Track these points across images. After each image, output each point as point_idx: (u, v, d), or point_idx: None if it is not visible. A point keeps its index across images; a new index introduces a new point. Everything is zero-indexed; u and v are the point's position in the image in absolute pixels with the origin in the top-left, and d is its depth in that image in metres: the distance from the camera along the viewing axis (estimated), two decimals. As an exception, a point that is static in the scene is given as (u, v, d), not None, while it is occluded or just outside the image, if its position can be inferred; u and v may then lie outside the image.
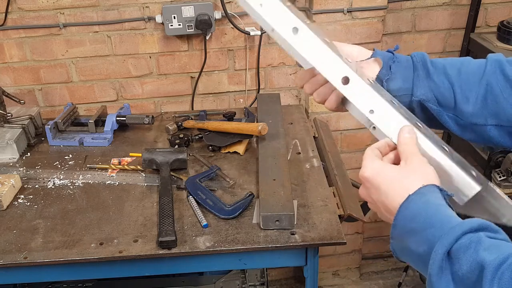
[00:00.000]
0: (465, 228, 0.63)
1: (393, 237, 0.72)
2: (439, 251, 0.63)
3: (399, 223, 0.70)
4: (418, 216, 0.68)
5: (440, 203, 0.69)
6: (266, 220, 1.27)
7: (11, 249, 1.24)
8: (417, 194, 0.69)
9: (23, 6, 1.78)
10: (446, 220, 0.66)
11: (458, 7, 2.00)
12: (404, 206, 0.70)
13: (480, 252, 0.60)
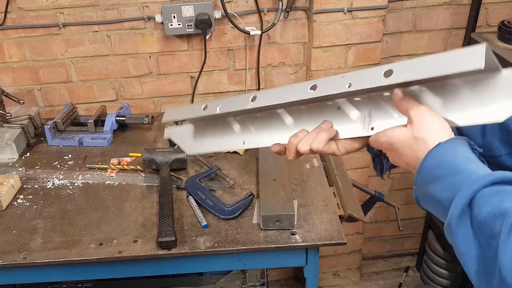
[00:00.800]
0: (494, 178, 0.62)
1: (417, 183, 0.72)
2: (464, 194, 0.62)
3: (423, 169, 0.69)
4: (445, 163, 0.67)
5: (470, 156, 0.68)
6: (266, 220, 1.26)
7: (10, 249, 1.24)
8: (448, 142, 0.68)
9: (22, 5, 1.78)
10: (475, 170, 0.65)
11: (458, 6, 2.00)
12: (432, 152, 0.69)
13: (506, 201, 0.59)
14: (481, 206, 0.60)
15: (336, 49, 1.90)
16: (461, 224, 0.62)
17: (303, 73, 2.01)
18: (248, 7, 1.85)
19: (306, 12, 1.88)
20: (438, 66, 0.68)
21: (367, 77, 0.76)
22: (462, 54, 0.65)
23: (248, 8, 1.85)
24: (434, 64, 0.68)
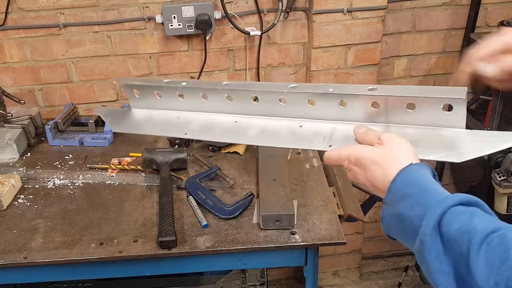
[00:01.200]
0: (462, 199, 0.65)
1: (387, 202, 0.73)
2: (436, 211, 0.64)
3: (395, 188, 0.71)
4: (416, 183, 0.70)
5: (436, 182, 0.71)
6: (266, 220, 1.27)
7: (11, 249, 1.24)
8: (418, 165, 0.72)
9: (23, 6, 1.78)
10: (443, 191, 0.68)
11: (458, 7, 2.00)
12: (404, 172, 0.71)
13: (474, 220, 0.62)
14: (450, 223, 0.63)
15: (336, 49, 1.90)
16: (434, 240, 0.64)
17: (303, 73, 2.01)
18: (248, 8, 1.86)
19: (306, 12, 1.88)
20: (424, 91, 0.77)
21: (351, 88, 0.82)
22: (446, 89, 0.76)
23: (248, 8, 1.86)
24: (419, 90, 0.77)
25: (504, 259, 0.57)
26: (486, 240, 0.59)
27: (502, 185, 1.78)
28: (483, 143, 0.75)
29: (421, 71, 2.13)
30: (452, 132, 0.78)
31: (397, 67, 2.10)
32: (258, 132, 0.92)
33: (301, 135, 0.88)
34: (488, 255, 0.58)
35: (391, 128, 0.82)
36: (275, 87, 0.88)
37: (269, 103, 0.89)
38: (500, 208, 1.83)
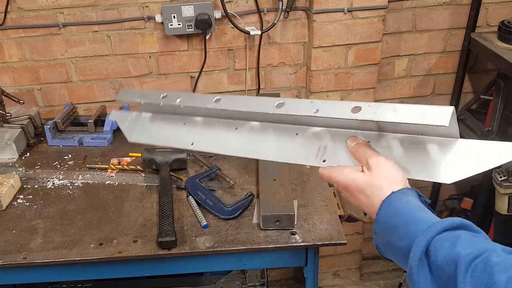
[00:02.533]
0: (446, 224, 0.65)
1: (376, 232, 0.75)
2: (420, 243, 0.64)
3: (381, 219, 0.72)
4: (399, 213, 0.70)
5: (420, 205, 0.71)
6: (266, 220, 1.26)
7: (10, 249, 1.23)
8: (399, 193, 0.72)
9: (22, 5, 1.78)
10: (427, 217, 0.68)
11: (458, 6, 2.00)
12: (386, 202, 0.72)
13: (457, 246, 0.62)
14: (436, 252, 0.64)
15: (336, 49, 1.90)
16: (421, 271, 0.65)
17: (303, 73, 2.01)
18: (248, 7, 1.85)
19: (306, 12, 1.88)
20: (407, 114, 0.72)
21: (335, 109, 0.79)
22: (432, 110, 0.70)
23: (248, 8, 1.85)
24: (403, 112, 0.72)
25: (489, 285, 0.57)
26: (471, 266, 0.60)
27: (503, 185, 1.78)
28: (478, 158, 0.72)
29: (421, 71, 2.13)
30: (446, 144, 0.75)
31: (398, 67, 2.10)
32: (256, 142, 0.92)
33: (296, 147, 0.87)
34: (474, 281, 0.58)
35: (384, 136, 0.80)
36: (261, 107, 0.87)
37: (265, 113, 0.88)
38: (501, 208, 1.83)
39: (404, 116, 0.71)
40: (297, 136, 0.88)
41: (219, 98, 0.92)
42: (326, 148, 0.84)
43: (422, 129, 0.74)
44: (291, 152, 0.87)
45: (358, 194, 0.78)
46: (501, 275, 0.57)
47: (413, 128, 0.75)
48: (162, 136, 1.05)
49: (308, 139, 0.87)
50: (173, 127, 1.04)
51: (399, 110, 0.72)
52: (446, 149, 0.75)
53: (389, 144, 0.80)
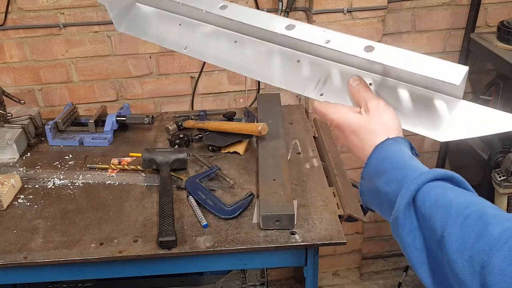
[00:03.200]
0: (438, 174, 0.64)
1: (363, 177, 0.74)
2: (410, 187, 0.63)
3: (371, 163, 0.71)
4: (391, 158, 0.69)
5: (412, 155, 0.70)
6: (266, 220, 1.26)
7: (11, 249, 1.24)
8: (394, 140, 0.71)
9: (23, 6, 1.78)
10: (419, 166, 0.67)
11: (458, 7, 2.00)
12: (379, 147, 0.71)
13: (448, 194, 0.61)
14: (425, 198, 0.62)
15: (336, 49, 1.90)
16: (407, 216, 0.64)
17: (303, 73, 2.01)
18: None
19: (306, 12, 1.88)
20: (420, 65, 0.70)
21: (348, 44, 0.75)
22: (446, 66, 0.68)
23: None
24: (417, 62, 0.70)
25: (481, 233, 0.55)
26: (463, 213, 0.58)
27: (502, 185, 1.78)
28: (476, 122, 0.69)
29: (421, 71, 2.13)
30: (447, 103, 0.73)
31: (397, 67, 2.10)
32: (253, 61, 0.86)
33: (295, 74, 0.83)
34: (464, 229, 0.56)
35: (387, 82, 0.77)
36: (270, 25, 0.81)
37: (269, 31, 0.82)
38: (501, 208, 1.83)
39: (418, 67, 0.69)
40: (298, 64, 0.83)
41: (226, 5, 0.86)
42: (326, 82, 0.81)
43: (428, 82, 0.72)
44: (290, 79, 0.84)
45: (351, 135, 0.76)
46: (496, 226, 0.55)
47: (420, 80, 0.73)
48: (154, 34, 0.99)
49: (310, 69, 0.82)
50: (167, 26, 0.98)
51: (414, 60, 0.70)
52: (447, 107, 0.72)
53: (391, 90, 0.76)
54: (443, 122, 0.72)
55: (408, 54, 0.71)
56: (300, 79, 0.82)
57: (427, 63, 0.69)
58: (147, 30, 1.00)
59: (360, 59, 0.74)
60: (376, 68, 0.76)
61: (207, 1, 0.89)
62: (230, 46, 0.90)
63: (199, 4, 0.89)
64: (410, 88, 0.75)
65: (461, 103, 0.72)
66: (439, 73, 0.67)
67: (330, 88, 0.80)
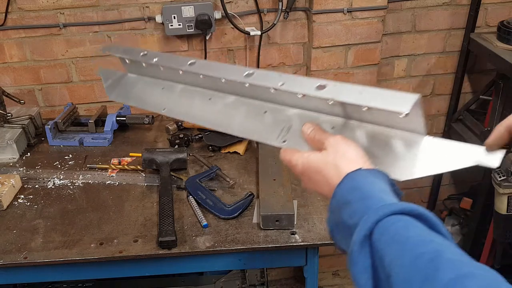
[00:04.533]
0: (404, 208, 0.57)
1: (331, 209, 0.68)
2: (369, 219, 0.57)
3: (338, 192, 0.66)
4: (360, 188, 0.63)
5: (386, 189, 0.64)
6: (266, 220, 1.27)
7: (11, 249, 1.24)
8: (367, 171, 0.66)
9: (23, 6, 1.78)
10: (387, 199, 0.61)
11: (458, 7, 2.00)
12: (349, 176, 0.66)
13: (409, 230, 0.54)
14: (383, 233, 0.56)
15: (336, 49, 1.90)
16: (362, 251, 0.57)
17: (303, 73, 2.01)
18: (248, 8, 1.86)
19: (306, 12, 1.88)
20: (369, 98, 0.68)
21: (301, 84, 0.76)
22: (396, 95, 0.66)
23: (248, 8, 1.86)
24: (367, 95, 0.69)
25: (428, 278, 0.48)
26: (416, 252, 0.51)
27: (502, 185, 1.78)
28: (440, 158, 0.67)
29: (421, 71, 2.13)
30: (410, 140, 0.71)
31: (397, 67, 2.10)
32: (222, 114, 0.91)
33: (261, 124, 0.86)
34: (413, 270, 0.50)
35: (349, 124, 0.77)
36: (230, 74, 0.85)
37: (237, 84, 0.85)
38: (501, 208, 1.83)
39: (366, 99, 0.67)
40: (265, 114, 0.86)
41: (194, 62, 0.91)
42: (290, 129, 0.82)
43: (388, 121, 0.71)
44: (256, 129, 0.86)
45: (315, 175, 0.72)
46: (448, 272, 0.48)
47: (380, 118, 0.72)
48: (139, 98, 1.06)
49: (275, 118, 0.85)
50: (151, 90, 1.04)
51: (364, 93, 0.68)
52: (409, 145, 0.71)
53: (353, 132, 0.76)
54: (403, 160, 0.71)
55: (360, 89, 0.69)
56: (265, 128, 0.85)
57: (378, 95, 0.67)
58: (132, 96, 1.08)
59: (318, 102, 0.75)
60: (336, 110, 0.77)
61: (178, 60, 0.94)
62: (202, 103, 0.95)
63: (171, 63, 0.95)
64: (372, 128, 0.75)
65: (424, 140, 0.70)
66: (388, 103, 0.65)
67: (293, 135, 0.82)
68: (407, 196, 2.49)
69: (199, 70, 0.89)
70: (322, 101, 0.74)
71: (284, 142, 0.82)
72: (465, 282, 0.46)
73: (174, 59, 0.95)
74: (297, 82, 0.77)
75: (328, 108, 0.77)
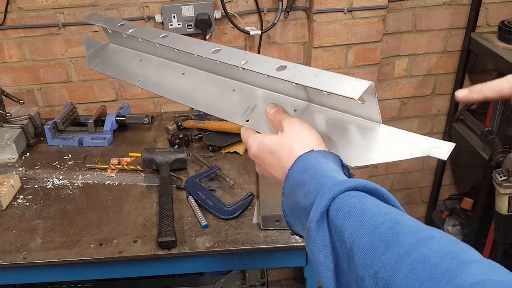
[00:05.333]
0: (357, 184, 0.57)
1: (284, 193, 0.68)
2: (325, 195, 0.57)
3: (291, 175, 0.65)
4: (312, 168, 0.63)
5: (338, 170, 0.65)
6: (266, 220, 1.26)
7: (10, 249, 1.23)
8: (319, 152, 0.66)
9: (22, 5, 1.78)
10: (340, 177, 0.61)
11: (458, 6, 2.00)
12: (301, 158, 0.65)
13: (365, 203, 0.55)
14: (339, 208, 0.56)
15: (336, 49, 1.90)
16: (319, 229, 0.57)
17: (303, 73, 2.01)
18: (248, 7, 1.85)
19: (306, 12, 1.88)
20: (322, 82, 0.69)
21: (261, 64, 0.77)
22: (349, 82, 0.66)
23: (248, 8, 1.85)
24: (321, 79, 0.69)
25: (390, 243, 0.48)
26: (376, 222, 0.51)
27: (503, 185, 1.78)
28: (393, 147, 0.68)
29: (421, 71, 2.13)
30: (366, 128, 0.72)
31: (398, 67, 2.10)
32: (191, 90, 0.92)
33: (228, 102, 0.86)
34: (374, 239, 0.50)
35: (310, 108, 0.77)
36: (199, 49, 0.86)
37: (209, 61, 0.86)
38: (501, 208, 1.83)
39: (319, 82, 0.68)
40: (233, 92, 0.87)
41: (167, 35, 0.92)
42: (254, 108, 0.83)
43: (345, 106, 0.72)
44: (223, 107, 0.87)
45: (268, 156, 0.71)
46: (409, 236, 0.48)
47: (338, 104, 0.73)
48: (116, 68, 1.06)
49: (242, 97, 0.85)
50: (129, 62, 1.05)
51: (319, 76, 0.69)
52: (363, 132, 0.72)
53: (313, 115, 0.77)
54: (357, 146, 0.72)
55: (317, 72, 0.70)
56: (232, 106, 0.86)
57: (331, 79, 0.68)
58: (110, 66, 1.08)
59: (282, 83, 0.76)
60: (299, 93, 0.78)
61: (152, 32, 0.95)
62: (175, 77, 0.96)
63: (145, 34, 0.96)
64: (331, 114, 0.76)
65: (380, 128, 0.71)
66: (339, 89, 0.65)
67: (256, 115, 0.82)
68: (407, 196, 2.48)
69: (170, 43, 0.90)
70: (286, 83, 0.75)
71: (247, 121, 0.82)
72: (427, 243, 0.47)
73: (148, 31, 0.96)
74: (260, 62, 0.77)
75: (292, 90, 0.78)
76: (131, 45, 1.06)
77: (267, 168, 0.74)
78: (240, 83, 0.87)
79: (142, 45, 1.01)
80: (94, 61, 1.12)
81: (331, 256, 0.56)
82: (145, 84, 1.00)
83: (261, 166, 0.76)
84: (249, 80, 0.85)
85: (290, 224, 0.70)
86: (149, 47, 1.00)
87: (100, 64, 1.10)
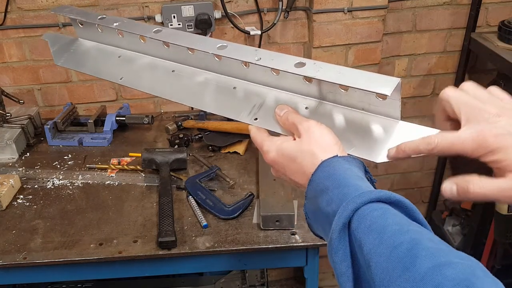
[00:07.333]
0: (381, 195, 0.57)
1: (307, 196, 0.68)
2: (348, 207, 0.57)
3: (315, 180, 0.65)
4: (335, 175, 0.63)
5: (362, 177, 0.65)
6: (266, 220, 1.26)
7: (10, 250, 1.23)
8: (343, 158, 0.66)
9: (22, 5, 1.78)
10: (364, 187, 0.61)
11: (458, 6, 2.00)
12: (325, 163, 0.65)
13: (387, 218, 0.55)
14: (360, 221, 0.56)
15: (336, 49, 1.90)
16: (342, 239, 0.57)
17: (303, 73, 2.01)
18: (248, 7, 1.85)
19: (306, 12, 1.88)
20: (350, 78, 0.68)
21: (278, 60, 0.74)
22: (378, 78, 0.66)
23: (248, 8, 1.85)
24: (348, 76, 0.68)
25: (407, 267, 0.48)
26: (395, 242, 0.51)
27: (503, 185, 1.78)
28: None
29: (421, 71, 2.13)
30: (385, 124, 0.71)
31: (398, 67, 2.10)
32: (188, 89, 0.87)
33: (230, 100, 0.83)
34: (392, 259, 0.50)
35: (324, 106, 0.76)
36: (202, 45, 0.82)
37: (205, 58, 0.83)
38: (501, 208, 1.83)
39: (347, 79, 0.67)
40: (235, 90, 0.84)
41: (160, 29, 0.87)
42: (262, 106, 0.80)
43: (363, 103, 0.71)
44: (227, 105, 0.83)
45: (290, 163, 0.71)
46: (426, 260, 0.48)
47: (355, 101, 0.72)
48: (92, 66, 0.99)
49: (245, 95, 0.82)
50: (106, 58, 0.98)
51: (344, 73, 0.67)
52: (383, 128, 0.71)
53: (326, 113, 0.75)
54: (378, 143, 0.71)
55: (340, 69, 0.69)
56: (235, 104, 0.82)
57: (359, 76, 0.67)
58: (84, 63, 1.01)
59: (292, 80, 0.74)
60: (310, 90, 0.76)
61: (143, 27, 0.90)
62: (168, 76, 0.90)
63: (135, 29, 0.91)
64: (347, 111, 0.74)
65: (399, 124, 0.71)
66: (371, 85, 0.65)
67: (265, 113, 0.79)
68: (407, 196, 2.48)
69: (167, 39, 0.86)
70: (295, 80, 0.73)
71: (256, 120, 0.79)
72: (443, 270, 0.47)
73: (137, 26, 0.91)
74: (275, 58, 0.75)
75: (302, 88, 0.76)
76: (107, 41, 0.99)
77: (287, 173, 0.73)
78: (241, 81, 0.84)
79: (121, 40, 0.95)
80: (62, 58, 1.04)
81: (352, 267, 0.57)
82: (129, 82, 0.94)
83: (280, 171, 0.76)
84: (253, 78, 0.82)
85: (312, 226, 0.70)
86: (131, 42, 0.94)
87: (71, 62, 1.02)
